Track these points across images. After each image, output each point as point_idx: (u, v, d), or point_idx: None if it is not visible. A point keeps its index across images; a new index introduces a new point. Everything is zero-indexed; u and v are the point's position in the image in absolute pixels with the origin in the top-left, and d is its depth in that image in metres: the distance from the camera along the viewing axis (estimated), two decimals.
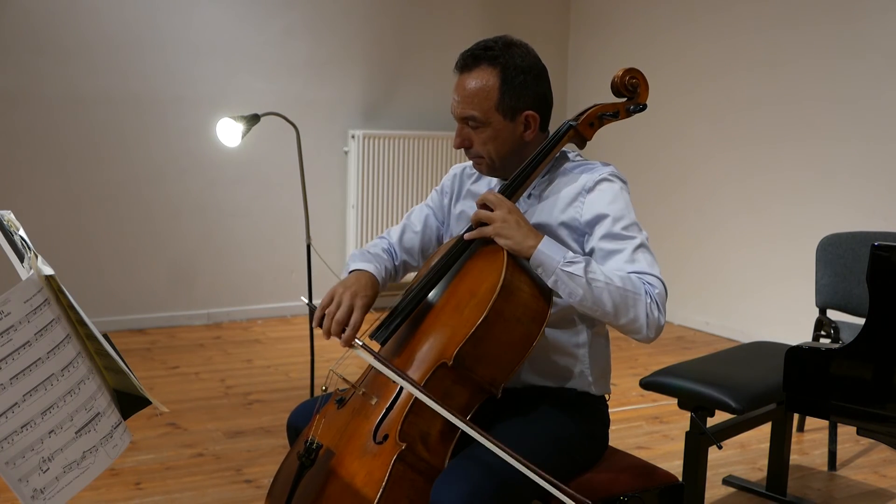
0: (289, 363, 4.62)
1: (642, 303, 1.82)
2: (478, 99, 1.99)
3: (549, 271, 1.84)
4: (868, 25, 4.63)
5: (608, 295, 1.81)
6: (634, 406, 4.17)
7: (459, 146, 2.06)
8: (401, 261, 2.24)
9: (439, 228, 2.26)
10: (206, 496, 3.12)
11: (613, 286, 1.82)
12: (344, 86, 5.57)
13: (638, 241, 1.91)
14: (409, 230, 2.25)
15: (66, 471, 1.36)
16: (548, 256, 1.84)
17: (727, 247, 5.38)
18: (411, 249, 2.24)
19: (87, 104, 4.89)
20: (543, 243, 1.85)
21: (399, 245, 2.24)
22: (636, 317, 1.82)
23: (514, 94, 1.99)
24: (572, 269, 1.82)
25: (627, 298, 1.82)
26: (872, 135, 4.62)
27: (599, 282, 1.82)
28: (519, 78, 1.99)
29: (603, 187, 1.97)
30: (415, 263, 2.26)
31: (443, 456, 1.83)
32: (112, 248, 5.06)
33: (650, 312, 1.82)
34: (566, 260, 1.83)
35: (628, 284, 1.83)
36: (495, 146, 2.02)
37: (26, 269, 1.41)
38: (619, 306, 1.82)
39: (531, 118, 2.02)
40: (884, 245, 2.04)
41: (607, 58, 5.79)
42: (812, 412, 2.27)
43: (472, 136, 2.03)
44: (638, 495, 2.04)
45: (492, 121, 2.00)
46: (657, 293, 1.84)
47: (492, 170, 2.08)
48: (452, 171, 2.28)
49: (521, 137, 2.03)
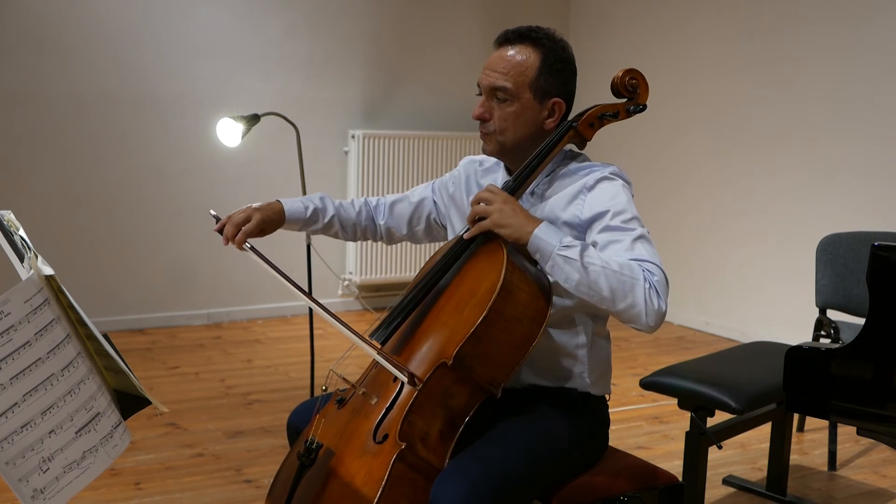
0: (289, 363, 4.62)
1: (640, 288, 1.78)
2: (515, 71, 2.00)
3: (545, 256, 1.84)
4: (867, 26, 4.63)
5: (605, 279, 1.78)
6: (634, 406, 4.17)
7: (478, 117, 2.04)
8: (386, 224, 2.34)
9: (433, 211, 2.32)
10: (206, 496, 3.12)
11: (610, 270, 1.79)
12: (344, 86, 5.57)
13: (638, 232, 1.89)
14: (406, 200, 2.34)
15: (66, 471, 1.36)
16: (544, 241, 1.83)
17: (727, 247, 5.38)
18: (400, 217, 2.34)
19: (87, 104, 4.89)
20: (540, 228, 1.85)
21: (389, 209, 2.34)
22: (634, 302, 1.78)
23: (549, 78, 2.01)
24: (568, 253, 1.81)
25: (625, 283, 1.78)
26: (872, 135, 4.62)
27: (596, 265, 1.79)
28: (557, 65, 2.02)
29: (604, 185, 1.97)
30: (400, 232, 2.35)
31: (443, 455, 1.83)
32: (112, 248, 5.06)
33: (649, 299, 1.78)
34: (562, 244, 1.82)
35: (626, 269, 1.79)
36: (515, 125, 2.01)
37: (26, 269, 1.41)
38: (616, 291, 1.78)
39: (557, 106, 2.03)
40: (884, 245, 2.04)
41: (607, 58, 5.79)
42: (812, 412, 2.27)
43: (495, 109, 2.02)
44: (638, 495, 2.04)
45: (522, 97, 2.00)
46: (656, 280, 1.80)
47: (500, 150, 2.06)
48: (466, 160, 2.30)
49: (542, 124, 2.03)
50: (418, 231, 2.35)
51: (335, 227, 2.29)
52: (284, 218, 2.20)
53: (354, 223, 2.32)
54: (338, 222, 2.29)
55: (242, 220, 2.09)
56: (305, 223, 2.24)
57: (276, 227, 2.19)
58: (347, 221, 2.31)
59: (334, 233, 2.32)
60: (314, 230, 2.28)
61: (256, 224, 2.10)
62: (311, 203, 2.25)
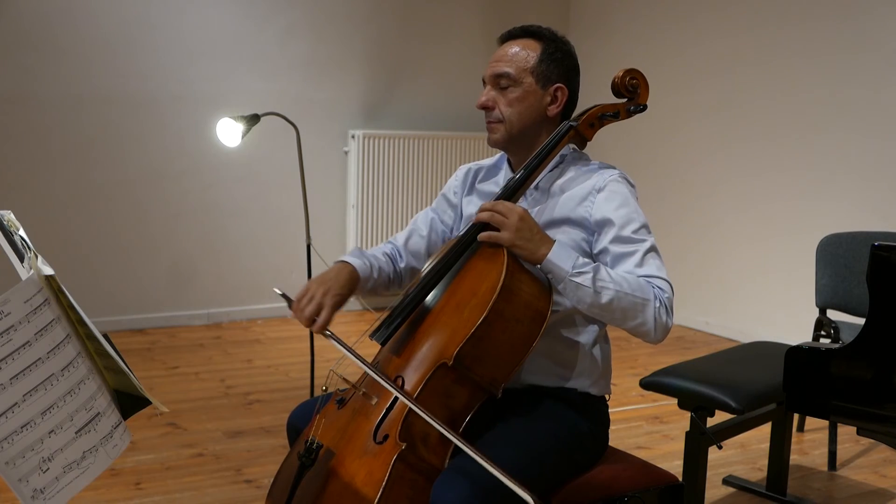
0: (289, 363, 4.62)
1: (651, 307, 1.85)
2: (516, 59, 2.04)
3: (558, 279, 1.87)
4: (868, 23, 4.63)
5: (617, 302, 1.84)
6: (634, 406, 4.17)
7: (483, 106, 2.07)
8: (407, 265, 2.24)
9: (444, 232, 2.27)
10: (206, 496, 3.12)
11: (623, 293, 1.84)
12: (344, 86, 5.57)
13: (648, 244, 1.94)
14: (416, 234, 2.26)
15: (66, 471, 1.36)
16: (557, 266, 1.86)
17: (727, 247, 5.38)
18: (417, 253, 2.25)
19: (86, 104, 4.89)
20: (553, 252, 1.87)
21: (405, 249, 2.24)
22: (644, 321, 1.86)
23: (550, 65, 2.04)
24: (580, 280, 1.84)
25: (637, 305, 1.85)
26: (872, 134, 4.62)
27: (609, 290, 1.84)
28: (558, 54, 2.06)
29: (613, 188, 1.99)
30: (422, 265, 2.25)
31: (443, 456, 1.83)
32: (112, 249, 5.06)
33: (658, 316, 1.86)
34: (574, 269, 1.85)
35: (637, 290, 1.85)
36: (519, 111, 2.03)
37: (26, 269, 1.41)
38: (628, 312, 1.85)
39: (561, 92, 2.05)
40: (884, 245, 2.04)
41: (607, 58, 5.78)
42: (812, 412, 2.27)
43: (499, 97, 2.05)
44: (638, 495, 2.04)
45: (524, 82, 2.03)
46: (666, 297, 1.88)
47: (507, 139, 2.07)
48: (459, 172, 2.28)
49: (545, 110, 2.05)
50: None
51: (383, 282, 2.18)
52: (358, 288, 2.07)
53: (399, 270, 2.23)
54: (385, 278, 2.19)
55: (313, 313, 1.95)
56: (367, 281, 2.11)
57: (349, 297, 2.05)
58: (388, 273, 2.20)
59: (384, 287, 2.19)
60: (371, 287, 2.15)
61: (330, 313, 1.96)
62: (374, 262, 2.12)
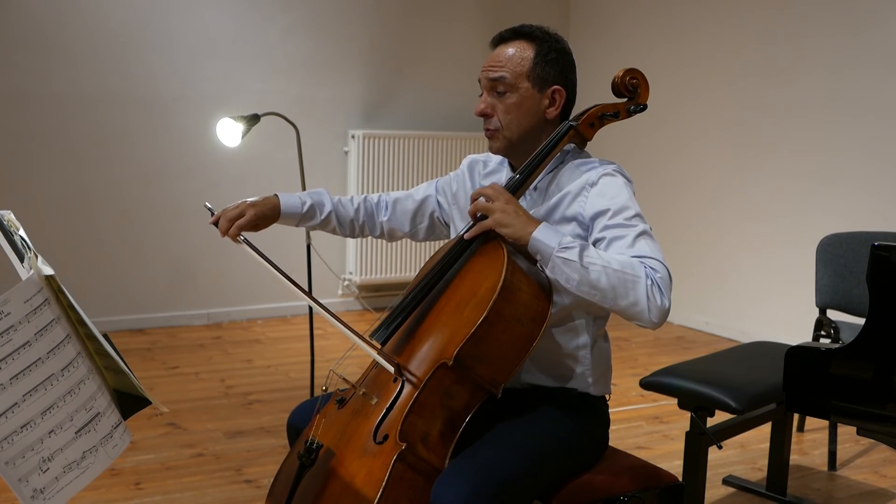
0: (289, 363, 4.62)
1: (642, 285, 1.78)
2: (511, 63, 2.02)
3: (545, 258, 1.84)
4: (869, 35, 4.62)
5: (606, 278, 1.78)
6: (634, 406, 4.17)
7: (481, 113, 2.06)
8: (386, 222, 2.33)
9: (436, 209, 2.31)
10: (206, 496, 3.12)
11: (611, 269, 1.79)
12: (344, 86, 5.57)
13: (640, 228, 1.89)
14: (409, 198, 2.33)
15: (66, 471, 1.36)
16: (543, 244, 1.84)
17: (727, 247, 5.38)
18: (403, 214, 2.33)
19: (86, 104, 4.89)
20: (539, 230, 1.85)
21: (392, 205, 2.33)
22: (636, 300, 1.78)
23: (546, 67, 2.02)
24: (566, 255, 1.81)
25: (626, 281, 1.78)
26: (873, 135, 4.62)
27: (596, 265, 1.79)
28: (552, 55, 2.04)
29: (606, 181, 1.97)
30: (403, 230, 2.34)
31: (443, 456, 1.83)
32: (112, 248, 5.06)
33: (651, 295, 1.78)
34: (561, 246, 1.82)
35: (627, 267, 1.79)
36: (517, 116, 2.02)
37: (26, 269, 1.41)
38: (618, 289, 1.78)
39: (558, 94, 2.04)
40: (884, 245, 2.04)
41: (607, 58, 5.78)
42: (812, 412, 2.27)
43: (497, 104, 2.04)
44: (638, 495, 2.04)
45: (520, 86, 2.02)
46: (659, 276, 1.80)
47: (507, 146, 2.07)
48: (469, 158, 2.29)
49: (543, 113, 2.04)
50: (421, 229, 2.35)
51: (332, 224, 2.29)
52: (280, 213, 2.20)
53: (352, 220, 2.31)
54: (335, 218, 2.28)
55: (236, 216, 2.11)
56: (302, 219, 2.24)
57: (270, 223, 2.19)
58: (345, 218, 2.30)
59: (331, 229, 2.31)
60: (311, 226, 2.27)
61: (250, 220, 2.12)
62: (308, 199, 2.24)
